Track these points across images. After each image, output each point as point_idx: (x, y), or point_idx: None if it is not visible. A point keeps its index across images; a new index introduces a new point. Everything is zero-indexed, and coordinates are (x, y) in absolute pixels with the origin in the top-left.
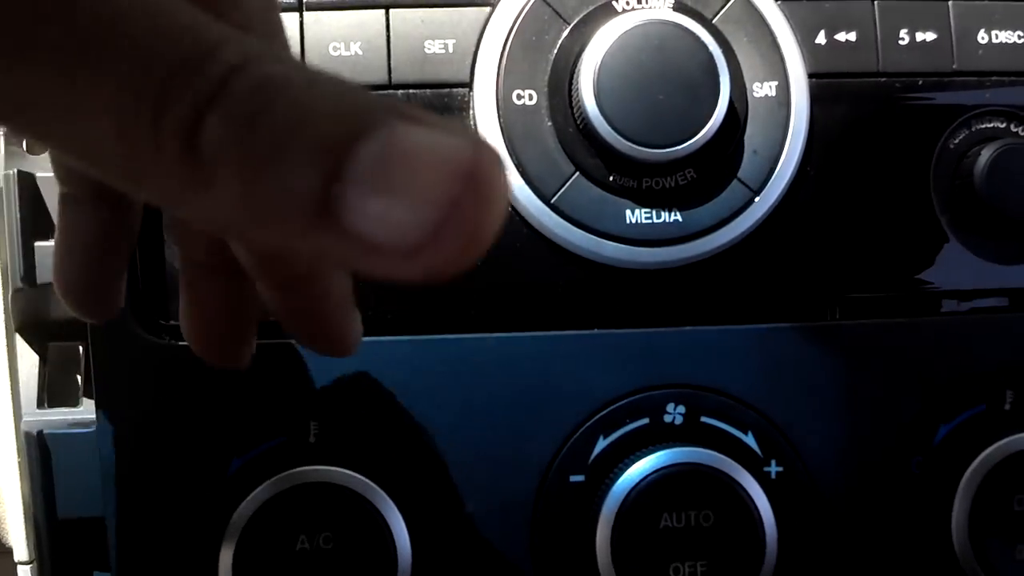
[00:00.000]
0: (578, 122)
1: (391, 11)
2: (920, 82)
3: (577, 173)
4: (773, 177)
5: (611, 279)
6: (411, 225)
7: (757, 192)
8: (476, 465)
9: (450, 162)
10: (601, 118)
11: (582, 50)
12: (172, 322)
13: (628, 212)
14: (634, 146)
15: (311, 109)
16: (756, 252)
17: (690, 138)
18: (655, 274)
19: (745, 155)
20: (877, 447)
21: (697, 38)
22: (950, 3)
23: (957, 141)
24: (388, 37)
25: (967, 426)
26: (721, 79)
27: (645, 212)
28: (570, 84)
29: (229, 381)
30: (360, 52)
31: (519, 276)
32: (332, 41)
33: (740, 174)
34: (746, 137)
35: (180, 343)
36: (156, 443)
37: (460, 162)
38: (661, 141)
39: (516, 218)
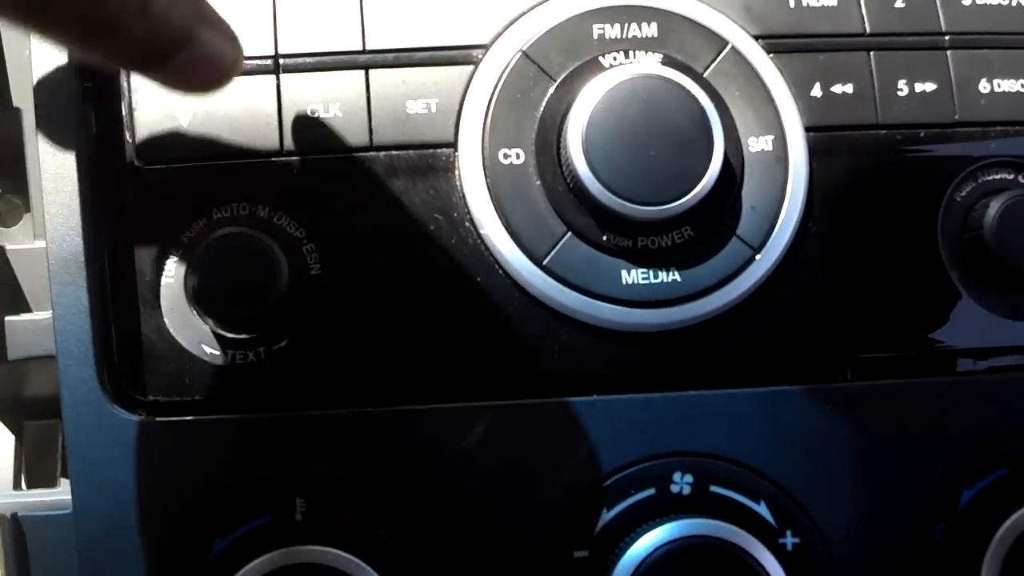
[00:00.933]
0: (568, 180)
1: (370, 72)
2: (922, 134)
3: (569, 233)
4: (774, 234)
5: (609, 342)
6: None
7: (758, 250)
8: (473, 542)
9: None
10: (591, 176)
11: (569, 107)
12: (148, 397)
13: (624, 272)
14: (626, 204)
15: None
16: (760, 312)
17: (685, 194)
18: (655, 336)
19: (743, 211)
20: (898, 515)
21: (688, 92)
22: (948, 52)
23: (964, 194)
24: (368, 98)
25: (991, 491)
26: (715, 133)
27: (642, 272)
28: (558, 142)
29: (211, 457)
30: (340, 114)
31: (513, 342)
32: (311, 104)
33: (739, 231)
34: (743, 193)
35: (157, 419)
36: (134, 524)
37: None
38: (655, 198)
39: (508, 281)
